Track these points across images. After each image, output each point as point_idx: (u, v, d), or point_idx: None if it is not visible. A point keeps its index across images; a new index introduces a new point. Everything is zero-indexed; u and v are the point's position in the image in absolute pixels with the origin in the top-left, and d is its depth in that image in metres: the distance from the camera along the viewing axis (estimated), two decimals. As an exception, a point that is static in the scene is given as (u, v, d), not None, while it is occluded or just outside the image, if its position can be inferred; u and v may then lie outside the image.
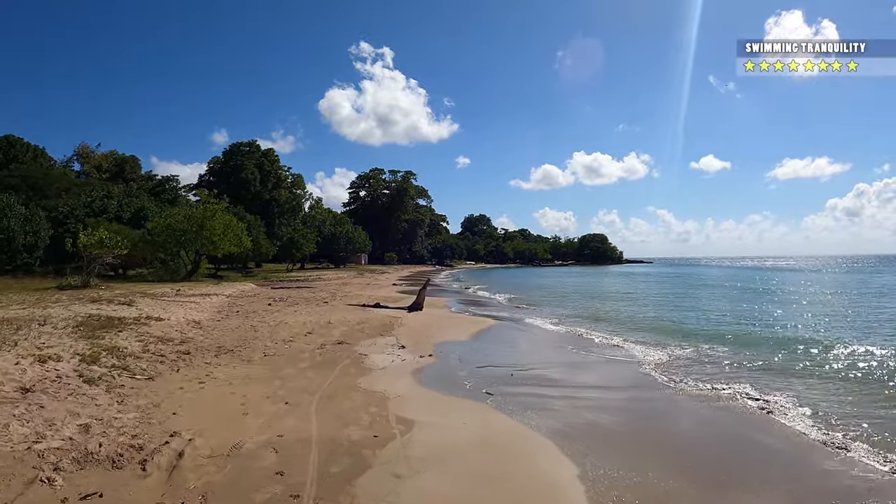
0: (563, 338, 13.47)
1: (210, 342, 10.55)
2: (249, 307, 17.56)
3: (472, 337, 13.19)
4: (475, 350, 11.51)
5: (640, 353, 11.18)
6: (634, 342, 12.61)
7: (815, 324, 16.01)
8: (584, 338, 13.37)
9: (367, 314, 16.56)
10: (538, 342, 12.83)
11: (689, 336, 13.51)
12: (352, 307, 19.11)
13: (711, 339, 12.83)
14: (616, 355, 11.07)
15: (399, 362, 9.75)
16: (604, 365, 10.13)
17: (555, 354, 11.17)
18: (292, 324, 13.45)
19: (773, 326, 15.56)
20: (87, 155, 70.35)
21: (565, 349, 11.81)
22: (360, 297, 23.91)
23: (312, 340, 11.47)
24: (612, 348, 11.95)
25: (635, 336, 13.57)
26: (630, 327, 15.46)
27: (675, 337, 13.32)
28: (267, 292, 26.18)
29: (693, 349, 11.53)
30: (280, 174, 74.84)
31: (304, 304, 19.55)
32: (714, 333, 14.03)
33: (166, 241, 33.96)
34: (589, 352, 11.44)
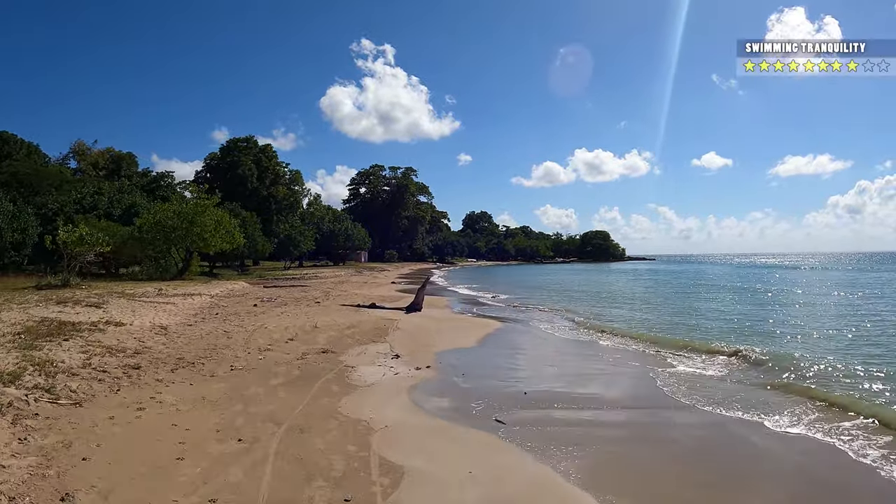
0: (577, 345, 11.95)
1: (171, 352, 9.05)
2: (232, 308, 16.07)
3: (476, 343, 11.70)
4: (480, 360, 10.01)
5: (662, 364, 9.67)
6: (653, 350, 11.09)
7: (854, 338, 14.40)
8: (598, 344, 11.88)
9: (359, 316, 15.07)
10: (549, 350, 11.31)
11: (715, 344, 11.88)
12: (345, 308, 17.62)
13: (736, 353, 11.22)
14: (636, 365, 9.56)
15: (391, 376, 8.25)
16: (625, 379, 8.61)
17: (571, 365, 9.66)
18: (273, 328, 11.93)
19: (807, 339, 14.03)
20: (84, 152, 68.93)
21: (580, 358, 10.31)
22: (356, 296, 22.42)
23: (293, 349, 9.97)
24: (631, 357, 10.43)
25: (653, 344, 11.99)
26: (645, 332, 13.89)
27: (698, 350, 11.54)
28: (257, 291, 24.72)
29: (722, 363, 9.98)
30: (278, 170, 73.28)
31: (293, 304, 18.05)
32: (736, 336, 12.51)
33: (155, 238, 32.47)
34: (606, 362, 9.93)
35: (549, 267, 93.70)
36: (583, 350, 11.20)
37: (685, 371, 9.11)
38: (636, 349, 11.28)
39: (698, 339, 12.37)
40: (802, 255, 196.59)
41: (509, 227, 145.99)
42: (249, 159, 69.43)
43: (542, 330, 14.21)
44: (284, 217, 69.25)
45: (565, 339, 12.77)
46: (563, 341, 12.47)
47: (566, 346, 11.78)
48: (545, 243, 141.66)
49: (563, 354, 10.83)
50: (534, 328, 14.57)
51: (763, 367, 9.38)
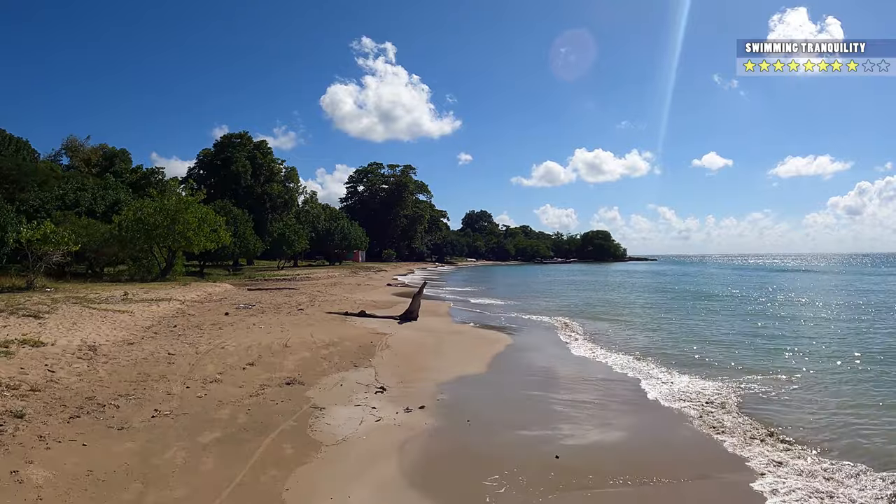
0: (606, 371, 9.65)
1: (82, 388, 6.88)
2: (197, 319, 13.87)
3: (483, 368, 9.52)
4: (490, 395, 7.84)
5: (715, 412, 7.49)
6: (702, 390, 8.87)
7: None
8: (637, 372, 9.60)
9: (344, 329, 12.88)
10: (571, 376, 9.12)
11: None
12: (330, 316, 15.45)
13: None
14: (689, 416, 7.38)
15: (372, 424, 6.11)
16: (691, 441, 6.45)
17: (613, 411, 7.30)
18: (233, 349, 9.73)
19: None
20: (76, 148, 66.93)
21: (618, 394, 8.10)
22: (346, 301, 20.25)
23: (250, 378, 7.81)
24: (669, 394, 8.26)
25: (694, 375, 9.35)
26: (678, 354, 11.58)
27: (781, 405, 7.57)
28: (238, 295, 22.55)
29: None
30: (273, 167, 71.17)
31: (272, 312, 15.86)
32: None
33: (135, 236, 30.27)
34: (646, 404, 7.75)
35: (549, 267, 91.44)
36: (616, 382, 9.01)
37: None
38: (676, 386, 9.11)
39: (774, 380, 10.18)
40: (802, 256, 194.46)
41: (509, 227, 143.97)
42: (243, 156, 67.33)
43: (558, 347, 12.04)
44: (279, 215, 67.12)
45: (585, 360, 10.59)
46: (589, 365, 10.26)
47: (590, 371, 9.59)
48: (545, 243, 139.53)
49: (590, 383, 8.65)
50: (547, 345, 12.39)
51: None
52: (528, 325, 15.73)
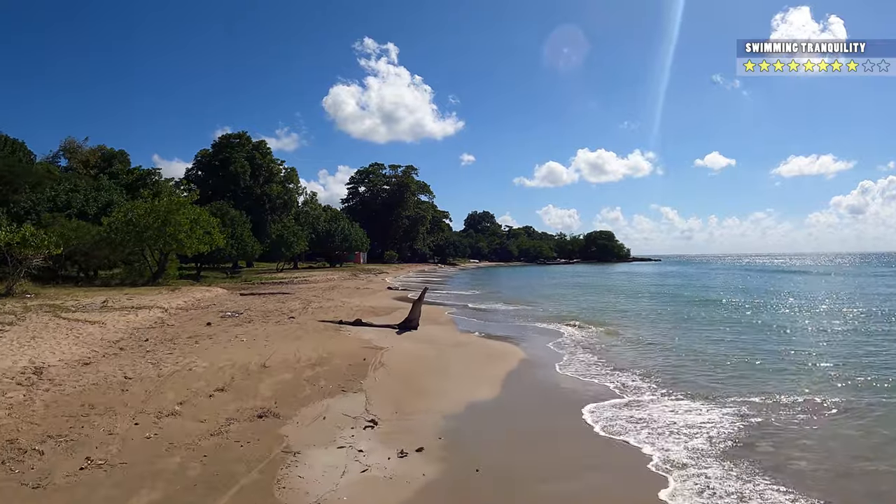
0: (647, 409, 8.39)
1: (5, 426, 5.61)
2: (174, 331, 12.59)
3: (493, 392, 8.18)
4: (507, 430, 6.51)
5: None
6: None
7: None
8: (676, 411, 8.30)
9: (336, 341, 11.60)
10: (593, 400, 7.83)
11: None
12: (323, 325, 14.18)
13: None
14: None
15: (356, 476, 4.83)
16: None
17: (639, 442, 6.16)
18: (202, 370, 8.44)
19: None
20: (74, 150, 65.94)
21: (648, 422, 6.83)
22: (342, 308, 18.97)
23: (216, 409, 6.54)
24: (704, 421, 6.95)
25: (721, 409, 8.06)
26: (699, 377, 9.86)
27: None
28: (229, 301, 21.30)
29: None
30: (272, 168, 69.99)
31: (259, 321, 14.59)
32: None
33: (125, 238, 29.09)
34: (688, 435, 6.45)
35: (553, 268, 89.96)
36: (665, 428, 7.72)
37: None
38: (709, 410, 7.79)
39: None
40: (806, 256, 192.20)
41: (512, 228, 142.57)
42: (242, 156, 66.16)
43: (580, 365, 10.74)
44: (279, 217, 65.91)
45: (609, 376, 9.30)
46: (607, 385, 8.98)
47: (616, 396, 8.30)
48: (548, 244, 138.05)
49: (621, 410, 7.36)
50: (564, 359, 11.08)
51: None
52: (540, 335, 14.38)
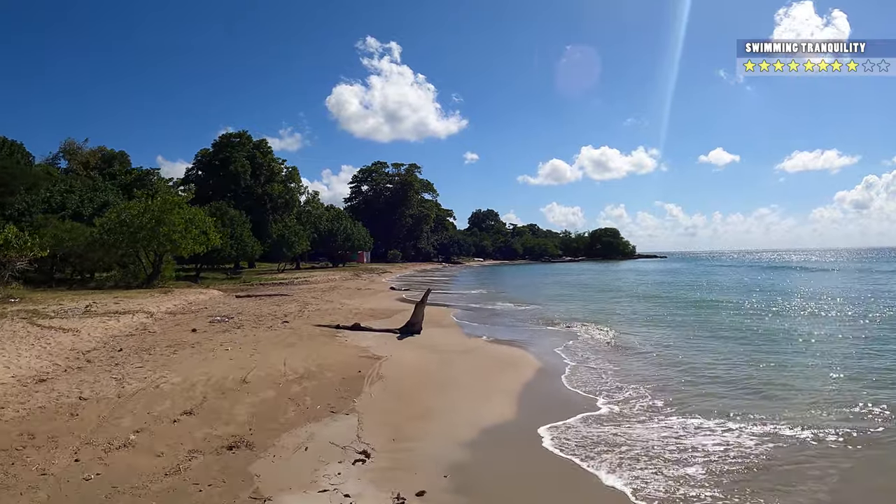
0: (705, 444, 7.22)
1: None
2: (153, 339, 11.50)
3: (510, 409, 7.02)
4: (530, 465, 5.33)
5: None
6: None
7: None
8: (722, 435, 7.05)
9: (329, 350, 10.49)
10: (643, 436, 6.69)
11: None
12: (319, 331, 13.09)
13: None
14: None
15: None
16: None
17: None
18: (171, 387, 7.34)
19: None
20: (74, 151, 65.31)
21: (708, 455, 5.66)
22: (340, 311, 17.88)
23: (179, 438, 5.45)
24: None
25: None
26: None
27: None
28: (222, 304, 20.26)
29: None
30: (273, 167, 69.01)
31: (250, 326, 13.51)
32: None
33: (118, 240, 28.14)
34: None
35: (559, 266, 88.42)
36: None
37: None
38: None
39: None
40: (812, 252, 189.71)
41: (516, 226, 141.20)
42: (243, 155, 65.19)
43: (596, 370, 9.60)
44: (280, 216, 64.95)
45: (637, 385, 8.15)
46: (652, 410, 7.83)
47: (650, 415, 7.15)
48: (553, 242, 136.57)
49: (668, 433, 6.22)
50: (581, 364, 9.95)
51: None
52: (552, 339, 13.22)
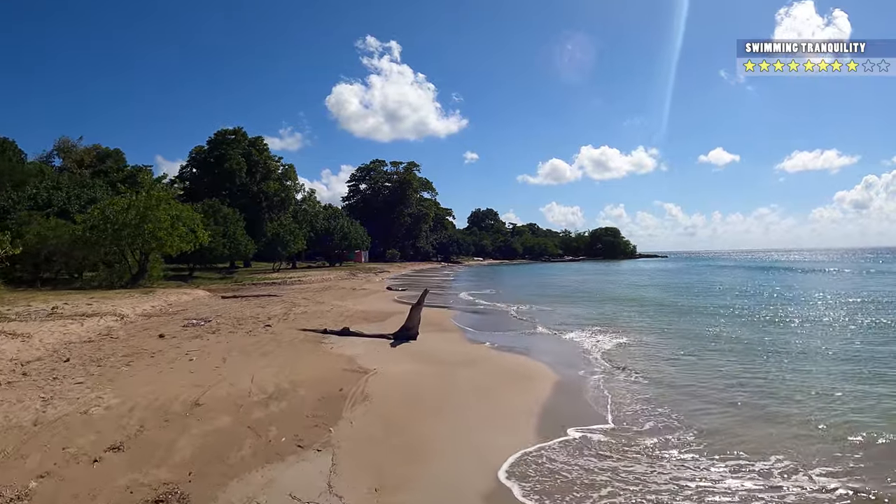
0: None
1: None
2: (114, 346, 10.07)
3: (528, 440, 5.54)
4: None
5: None
6: None
7: None
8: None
9: (310, 361, 9.08)
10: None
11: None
12: (303, 335, 11.70)
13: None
14: None
15: None
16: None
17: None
18: (102, 413, 5.83)
19: None
20: (68, 149, 63.94)
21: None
22: (331, 313, 16.48)
23: (92, 486, 4.06)
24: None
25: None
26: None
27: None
28: (204, 305, 18.84)
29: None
30: (269, 164, 67.58)
31: (226, 331, 12.09)
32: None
33: (100, 237, 26.75)
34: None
35: (559, 266, 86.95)
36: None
37: None
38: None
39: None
40: (814, 252, 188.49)
41: (516, 225, 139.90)
42: (238, 153, 63.79)
43: (625, 386, 8.22)
44: (276, 215, 63.56)
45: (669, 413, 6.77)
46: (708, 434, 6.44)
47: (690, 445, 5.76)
48: (553, 241, 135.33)
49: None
50: (606, 378, 8.58)
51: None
52: (564, 346, 11.83)
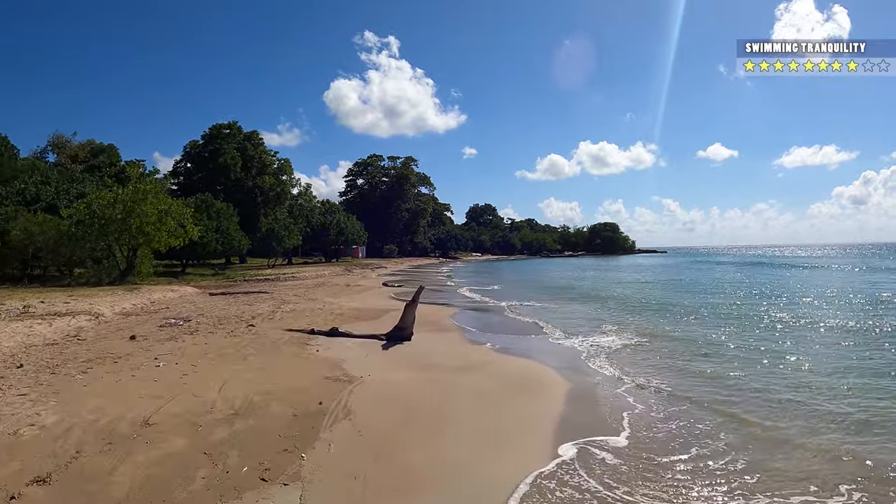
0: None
1: None
2: (77, 350, 9.15)
3: (543, 462, 4.71)
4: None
5: None
6: None
7: None
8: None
9: (288, 367, 8.19)
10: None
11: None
12: (288, 336, 10.82)
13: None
14: None
15: None
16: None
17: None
18: (32, 435, 4.76)
19: None
20: (62, 145, 62.83)
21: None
22: (322, 310, 15.59)
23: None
24: None
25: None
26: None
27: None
28: (189, 303, 17.94)
29: None
30: (265, 159, 66.51)
31: (205, 332, 11.19)
32: None
33: (86, 232, 25.80)
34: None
35: (558, 261, 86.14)
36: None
37: None
38: None
39: None
40: (814, 247, 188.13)
41: (514, 221, 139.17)
42: (233, 147, 62.70)
43: (638, 391, 7.37)
44: (271, 210, 62.59)
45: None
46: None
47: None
48: (552, 236, 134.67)
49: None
50: (623, 386, 7.73)
51: None
52: (572, 349, 10.98)
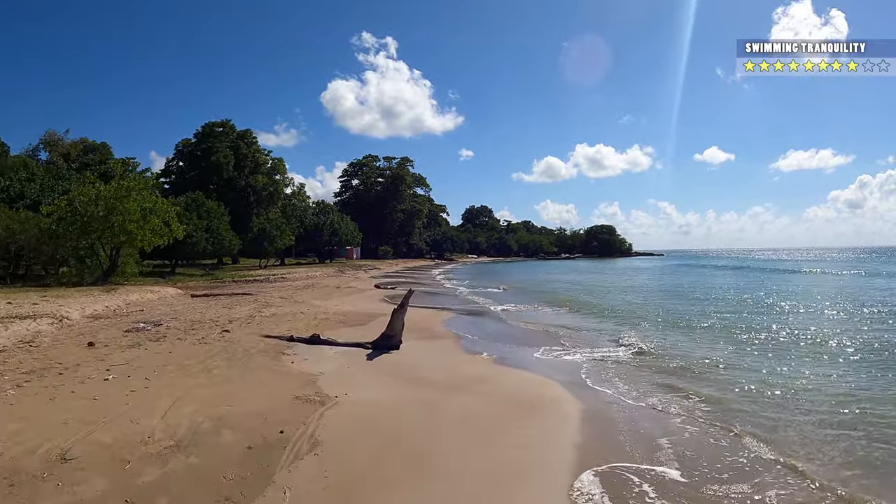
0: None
1: None
2: (24, 358, 8.15)
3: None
4: None
5: None
6: None
7: None
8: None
9: (254, 383, 7.26)
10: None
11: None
12: (263, 344, 9.91)
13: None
14: None
15: None
16: None
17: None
18: None
19: None
20: (55, 143, 61.64)
21: None
22: (306, 314, 14.66)
23: None
24: None
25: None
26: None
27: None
28: (166, 305, 16.98)
29: None
30: (258, 158, 65.51)
31: (173, 338, 10.25)
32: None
33: (67, 230, 24.77)
34: None
35: (555, 264, 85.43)
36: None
37: None
38: None
39: None
40: (805, 251, 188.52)
41: (511, 222, 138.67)
42: (226, 146, 61.68)
43: (661, 411, 6.53)
44: (264, 209, 61.60)
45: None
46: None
47: None
48: (548, 238, 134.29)
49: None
50: (628, 398, 6.88)
51: None
52: (579, 360, 10.09)
